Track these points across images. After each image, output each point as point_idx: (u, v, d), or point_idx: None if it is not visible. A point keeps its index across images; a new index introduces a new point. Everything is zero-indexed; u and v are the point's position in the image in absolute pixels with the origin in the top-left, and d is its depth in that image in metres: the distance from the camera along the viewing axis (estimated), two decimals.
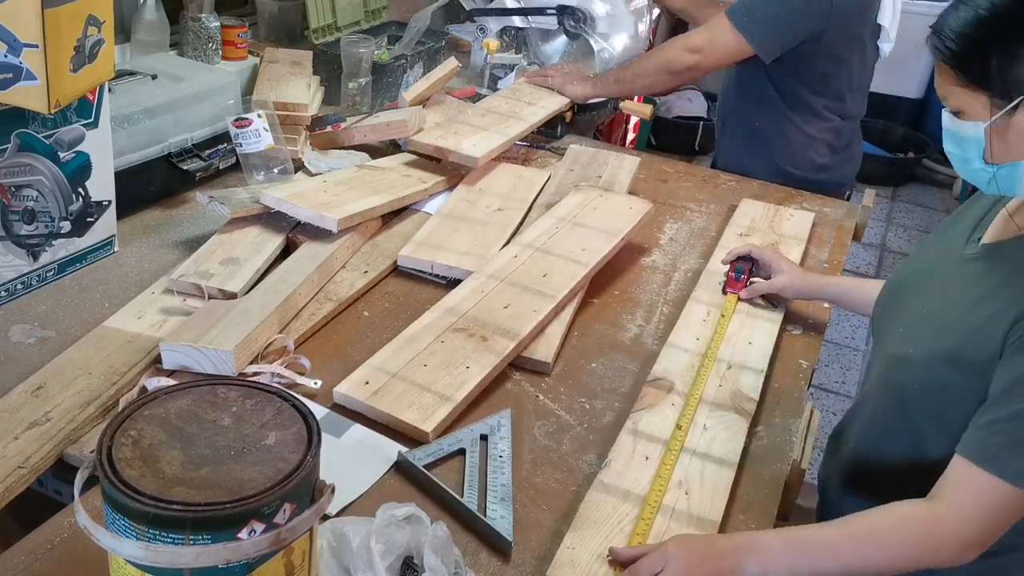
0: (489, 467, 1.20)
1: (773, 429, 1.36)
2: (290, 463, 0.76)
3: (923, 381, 1.17)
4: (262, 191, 1.67)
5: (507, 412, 1.31)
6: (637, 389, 1.39)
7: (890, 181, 5.05)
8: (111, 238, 1.60)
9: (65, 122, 1.44)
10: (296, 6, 2.41)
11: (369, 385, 1.30)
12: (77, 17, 1.33)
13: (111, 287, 1.52)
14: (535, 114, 2.22)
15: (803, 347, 1.57)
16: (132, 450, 0.75)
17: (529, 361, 1.43)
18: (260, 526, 0.72)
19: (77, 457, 1.15)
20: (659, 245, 1.88)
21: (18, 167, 1.39)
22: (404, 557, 0.95)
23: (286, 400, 0.83)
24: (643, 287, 1.72)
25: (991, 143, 1.05)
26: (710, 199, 2.11)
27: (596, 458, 1.26)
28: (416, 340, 1.40)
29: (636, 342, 1.55)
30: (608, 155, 2.16)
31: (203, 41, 2.01)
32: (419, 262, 1.65)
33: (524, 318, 1.46)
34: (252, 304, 1.40)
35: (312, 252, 1.58)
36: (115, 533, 0.72)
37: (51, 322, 1.41)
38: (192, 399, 0.82)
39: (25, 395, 1.22)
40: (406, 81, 2.37)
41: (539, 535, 1.12)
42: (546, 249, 1.66)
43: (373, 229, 1.75)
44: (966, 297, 1.15)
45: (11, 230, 1.42)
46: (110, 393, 1.23)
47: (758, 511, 1.20)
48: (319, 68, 2.25)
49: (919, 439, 1.20)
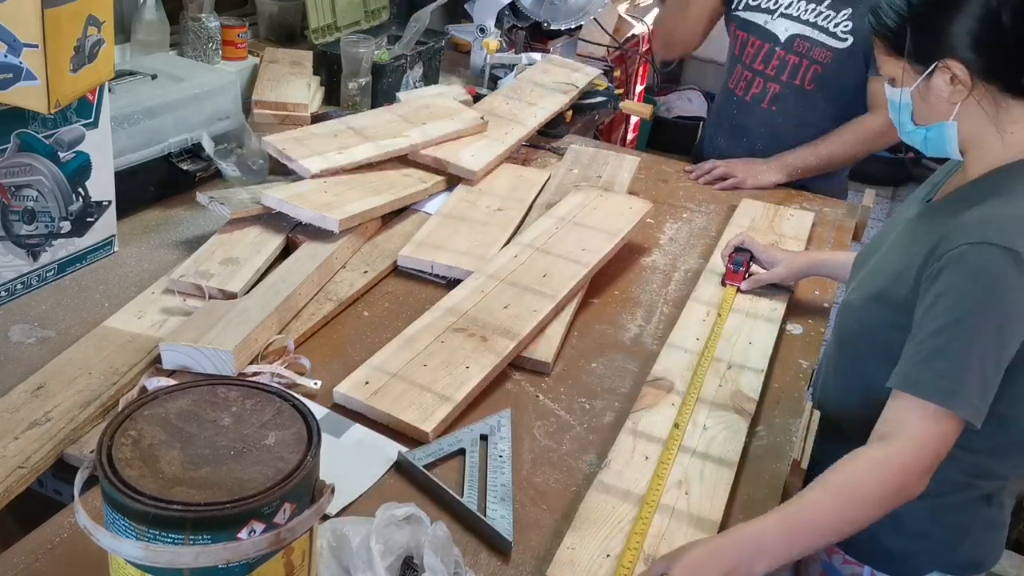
0: (489, 467, 1.20)
1: (773, 429, 1.36)
2: (290, 463, 0.76)
3: (860, 322, 1.28)
4: (263, 191, 1.67)
5: (507, 412, 1.31)
6: (637, 389, 1.39)
7: (890, 181, 5.05)
8: (111, 238, 1.60)
9: (65, 122, 1.44)
10: (296, 6, 2.41)
11: (369, 385, 1.30)
12: (77, 17, 1.33)
13: (111, 287, 1.52)
14: (535, 116, 2.21)
15: (803, 347, 1.57)
16: (132, 450, 0.75)
17: (529, 361, 1.43)
18: (260, 526, 0.72)
19: (77, 457, 1.15)
20: (659, 245, 1.88)
21: (18, 167, 1.39)
22: (404, 557, 0.95)
23: (286, 400, 0.83)
24: (643, 287, 1.72)
25: (917, 107, 1.17)
26: (710, 199, 2.11)
27: (596, 458, 1.26)
28: (416, 340, 1.40)
29: (636, 342, 1.55)
30: (608, 155, 2.16)
31: (203, 41, 2.01)
32: (419, 262, 1.65)
33: (524, 318, 1.46)
34: (252, 304, 1.40)
35: (312, 252, 1.58)
36: (115, 533, 0.72)
37: (51, 322, 1.41)
38: (192, 399, 0.82)
39: (25, 395, 1.22)
40: (406, 81, 2.37)
41: (539, 535, 1.12)
42: (546, 249, 1.66)
43: (373, 229, 1.76)
44: (899, 246, 1.25)
45: (11, 230, 1.42)
46: (110, 393, 1.23)
47: (758, 511, 1.19)
48: (319, 68, 2.25)
49: (866, 382, 1.23)
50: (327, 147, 1.83)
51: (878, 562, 1.34)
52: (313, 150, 1.80)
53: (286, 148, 1.79)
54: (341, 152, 1.82)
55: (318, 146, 1.82)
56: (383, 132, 1.94)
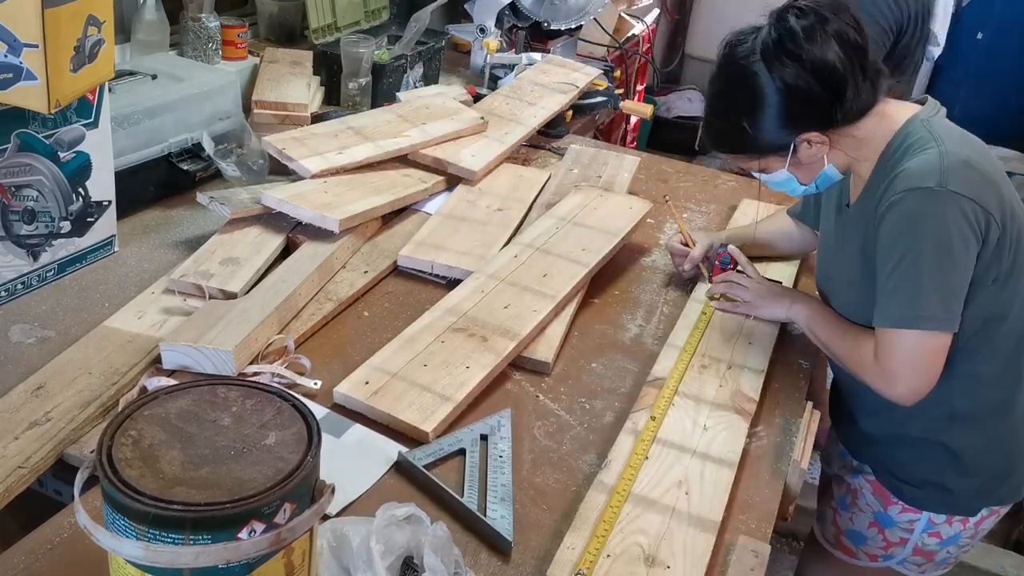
0: (489, 467, 1.20)
1: (773, 429, 1.36)
2: (290, 463, 0.76)
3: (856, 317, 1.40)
4: (263, 191, 1.67)
5: (507, 412, 1.31)
6: (637, 389, 1.39)
7: None
8: (111, 238, 1.60)
9: (65, 122, 1.44)
10: (296, 6, 2.41)
11: (369, 385, 1.30)
12: (77, 17, 1.33)
13: (111, 287, 1.52)
14: (535, 116, 2.21)
15: (803, 347, 1.57)
16: (132, 450, 0.75)
17: (529, 361, 1.43)
18: (260, 526, 0.72)
19: (77, 457, 1.15)
20: (659, 245, 1.88)
21: (18, 167, 1.39)
22: (404, 557, 0.95)
23: (286, 400, 0.83)
24: (643, 287, 1.72)
25: (796, 175, 1.36)
26: (710, 199, 2.11)
27: (596, 458, 1.26)
28: (416, 340, 1.40)
29: (636, 342, 1.55)
30: (608, 155, 2.16)
31: (203, 41, 2.01)
32: (419, 262, 1.65)
33: (524, 318, 1.46)
34: (252, 304, 1.40)
35: (312, 252, 1.58)
36: (115, 533, 0.72)
37: (51, 322, 1.41)
38: (192, 399, 0.82)
39: (25, 395, 1.22)
40: (406, 81, 2.37)
41: (539, 535, 1.12)
42: (546, 249, 1.66)
43: (373, 229, 1.76)
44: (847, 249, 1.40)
45: (11, 230, 1.42)
46: (110, 393, 1.23)
47: (758, 511, 1.20)
48: (319, 68, 2.25)
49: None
50: (327, 147, 1.83)
51: (939, 507, 1.44)
52: (313, 150, 1.80)
53: (286, 148, 1.79)
54: (341, 152, 1.82)
55: (318, 146, 1.82)
56: (383, 132, 1.94)
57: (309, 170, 1.74)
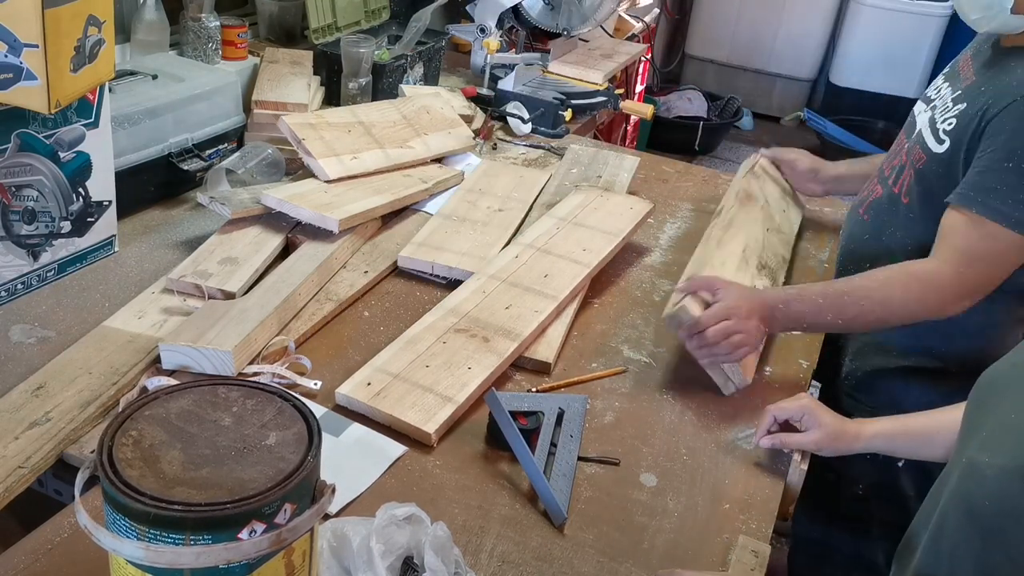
0: (560, 442, 1.23)
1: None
2: (291, 463, 0.76)
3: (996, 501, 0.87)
4: (263, 191, 1.67)
5: (583, 398, 1.34)
6: (637, 389, 1.39)
7: None
8: (111, 238, 1.60)
9: (65, 122, 1.44)
10: (296, 6, 2.41)
11: (371, 386, 1.30)
12: (77, 17, 1.33)
13: (111, 287, 1.52)
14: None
15: (803, 347, 1.57)
16: (133, 450, 0.75)
17: (530, 361, 1.43)
18: (261, 526, 0.72)
19: (77, 457, 1.14)
20: (659, 245, 1.88)
21: (18, 167, 1.39)
22: (404, 557, 0.94)
23: (287, 400, 0.83)
24: (643, 287, 1.72)
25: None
26: (710, 199, 2.11)
27: None
28: (418, 341, 1.40)
29: (636, 342, 1.55)
30: (608, 155, 2.16)
31: (203, 41, 2.01)
32: (419, 263, 1.65)
33: (525, 318, 1.46)
34: (251, 304, 1.40)
35: (312, 252, 1.58)
36: (115, 533, 0.72)
37: (51, 322, 1.41)
38: (193, 399, 0.82)
39: (25, 395, 1.22)
40: (406, 81, 2.37)
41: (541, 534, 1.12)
42: (547, 249, 1.66)
43: (373, 229, 1.75)
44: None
45: (11, 230, 1.42)
46: (110, 393, 1.23)
47: (758, 511, 1.20)
48: (319, 68, 2.25)
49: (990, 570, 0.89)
50: (341, 146, 1.84)
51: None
52: (330, 147, 1.81)
53: (306, 139, 1.80)
54: (355, 158, 1.83)
55: (334, 143, 1.82)
56: (390, 137, 1.94)
57: (328, 174, 1.75)
